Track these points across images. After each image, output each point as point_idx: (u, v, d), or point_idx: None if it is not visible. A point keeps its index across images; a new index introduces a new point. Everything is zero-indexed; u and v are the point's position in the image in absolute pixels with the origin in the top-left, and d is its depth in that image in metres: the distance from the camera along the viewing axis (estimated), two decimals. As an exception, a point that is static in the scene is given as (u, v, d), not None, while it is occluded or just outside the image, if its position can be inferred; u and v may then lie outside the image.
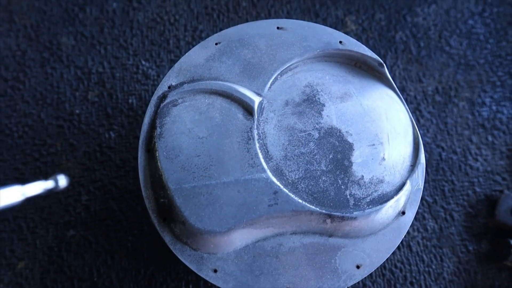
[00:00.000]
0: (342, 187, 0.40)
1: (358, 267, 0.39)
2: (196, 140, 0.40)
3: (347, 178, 0.40)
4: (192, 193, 0.38)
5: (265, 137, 0.41)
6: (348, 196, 0.40)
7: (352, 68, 0.45)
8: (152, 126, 0.41)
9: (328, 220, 0.39)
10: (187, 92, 0.42)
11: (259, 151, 0.40)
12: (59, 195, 0.53)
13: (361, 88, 0.44)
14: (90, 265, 0.51)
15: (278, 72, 0.43)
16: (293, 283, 0.39)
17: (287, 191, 0.39)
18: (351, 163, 0.41)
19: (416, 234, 0.54)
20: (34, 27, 0.59)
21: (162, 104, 0.41)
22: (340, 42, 0.45)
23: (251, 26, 0.45)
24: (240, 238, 0.38)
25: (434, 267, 0.53)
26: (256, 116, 0.41)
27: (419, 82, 0.59)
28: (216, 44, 0.44)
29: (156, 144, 0.40)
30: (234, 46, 0.44)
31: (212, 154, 0.40)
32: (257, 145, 0.40)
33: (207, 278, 0.38)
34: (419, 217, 0.54)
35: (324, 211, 0.39)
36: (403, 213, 0.41)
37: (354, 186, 0.40)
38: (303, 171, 0.40)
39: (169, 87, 0.42)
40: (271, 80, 0.43)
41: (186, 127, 0.40)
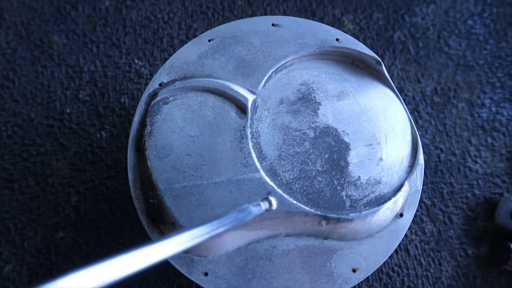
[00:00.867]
0: (338, 188, 0.39)
1: (354, 270, 0.38)
2: (187, 139, 0.39)
3: (343, 179, 0.39)
4: (182, 193, 0.37)
5: (258, 136, 0.40)
6: (344, 197, 0.39)
7: (349, 66, 0.44)
8: (142, 124, 0.40)
9: (324, 222, 0.38)
10: (178, 90, 0.40)
11: (252, 150, 0.39)
12: (48, 195, 0.51)
13: (358, 87, 0.43)
14: (79, 268, 0.49)
15: (273, 69, 0.42)
16: (286, 287, 0.37)
17: (281, 192, 0.38)
18: (347, 163, 0.40)
19: (414, 237, 0.52)
20: (24, 25, 0.58)
21: (153, 102, 0.40)
22: (337, 40, 0.44)
23: (245, 22, 0.44)
24: (232, 240, 0.37)
25: (432, 271, 0.51)
26: (249, 115, 0.40)
27: (417, 83, 0.58)
28: (209, 40, 0.43)
29: (146, 143, 0.39)
30: (228, 43, 0.43)
31: (203, 153, 0.38)
32: (250, 144, 0.39)
33: (197, 282, 0.37)
34: (417, 220, 0.53)
35: (319, 213, 0.38)
36: (401, 215, 0.40)
37: (350, 187, 0.39)
38: (297, 171, 0.39)
39: (160, 85, 0.41)
40: (266, 78, 0.41)
41: (177, 125, 0.39)
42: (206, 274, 0.37)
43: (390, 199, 0.39)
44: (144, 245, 0.24)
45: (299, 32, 0.44)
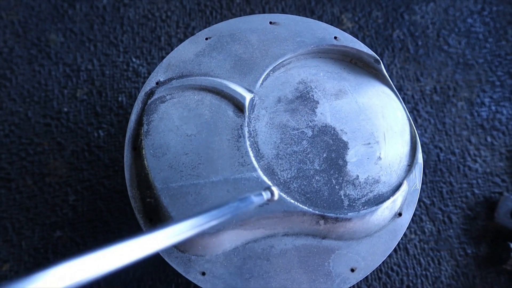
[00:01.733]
0: (336, 187, 0.39)
1: (353, 270, 0.38)
2: (184, 138, 0.39)
3: (341, 178, 0.39)
4: (179, 192, 0.37)
5: (256, 135, 0.39)
6: (343, 197, 0.38)
7: (348, 64, 0.44)
8: (139, 123, 0.40)
9: (322, 222, 0.38)
10: (175, 88, 0.40)
11: (249, 149, 0.38)
12: (46, 195, 0.51)
13: (356, 85, 0.42)
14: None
15: (271, 68, 0.41)
16: (284, 286, 0.37)
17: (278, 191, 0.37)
18: (345, 162, 0.40)
19: (413, 236, 0.52)
20: (21, 23, 0.57)
21: (150, 101, 0.40)
22: (335, 38, 0.43)
23: (243, 20, 0.44)
24: (229, 239, 0.37)
25: (431, 270, 0.51)
26: (247, 113, 0.40)
27: (416, 82, 0.58)
28: (206, 39, 0.43)
29: (143, 141, 0.39)
30: (225, 41, 0.42)
31: (200, 152, 0.38)
32: (247, 143, 0.39)
33: (194, 281, 0.37)
34: (416, 219, 0.53)
35: (317, 212, 0.37)
36: (400, 214, 0.40)
37: (348, 186, 0.39)
38: (295, 170, 0.39)
39: (157, 83, 0.41)
40: (263, 76, 0.41)
41: (174, 124, 0.39)
42: (204, 274, 0.37)
43: (388, 198, 0.39)
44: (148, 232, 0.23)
45: (297, 30, 0.43)
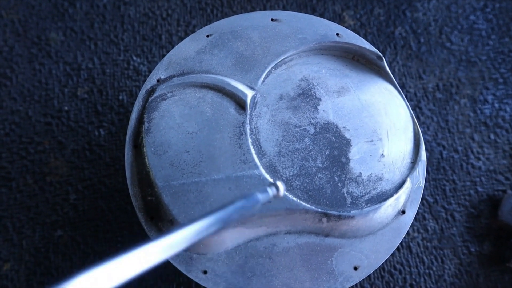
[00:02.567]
0: (339, 184, 0.38)
1: (356, 268, 0.38)
2: (185, 136, 0.38)
3: (344, 176, 0.39)
4: (181, 190, 0.37)
5: (258, 132, 0.39)
6: (345, 194, 0.38)
7: (350, 61, 0.43)
8: (140, 121, 0.39)
9: (324, 219, 0.37)
10: (176, 86, 0.40)
11: (251, 146, 0.38)
12: (46, 194, 0.51)
13: (359, 82, 0.42)
14: (78, 266, 0.49)
15: (272, 65, 0.41)
16: (287, 285, 0.37)
17: (281, 189, 0.37)
18: (348, 159, 0.39)
19: (416, 235, 0.52)
20: (22, 22, 0.57)
21: (151, 98, 0.39)
22: (337, 35, 0.43)
23: (244, 17, 0.43)
24: (231, 238, 0.37)
25: (434, 269, 0.51)
26: (248, 111, 0.39)
27: (419, 79, 0.58)
28: (207, 36, 0.42)
29: (144, 139, 0.38)
30: (226, 38, 0.42)
31: (202, 150, 0.38)
32: (249, 140, 0.38)
33: (196, 280, 0.36)
34: (419, 217, 0.52)
35: (320, 210, 0.37)
36: (403, 212, 0.40)
37: (351, 183, 0.39)
38: (298, 168, 0.38)
39: (158, 81, 0.41)
40: (265, 74, 0.41)
41: (175, 122, 0.39)
42: (205, 272, 0.37)
43: (392, 196, 0.39)
44: (149, 240, 0.22)
45: (299, 27, 0.43)
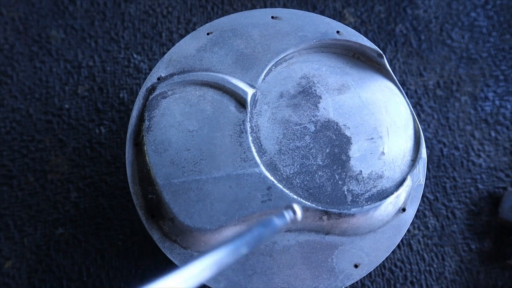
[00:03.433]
0: (340, 182, 0.38)
1: (356, 266, 0.38)
2: (186, 134, 0.38)
3: (344, 173, 0.39)
4: (181, 188, 0.37)
5: (258, 130, 0.39)
6: (346, 192, 0.38)
7: (350, 59, 0.43)
8: (140, 119, 0.40)
9: (325, 217, 0.37)
10: (177, 84, 0.40)
11: (252, 144, 0.38)
12: (48, 192, 0.51)
13: (359, 80, 0.42)
14: (79, 264, 0.49)
15: (273, 63, 0.41)
16: (287, 283, 0.37)
17: (281, 187, 0.37)
18: (348, 157, 0.39)
19: (416, 232, 0.52)
20: (22, 20, 0.57)
21: (151, 96, 0.39)
22: (338, 32, 0.43)
23: (245, 15, 0.43)
24: (231, 236, 0.37)
25: (435, 266, 0.51)
26: (249, 109, 0.39)
27: (419, 76, 0.58)
28: (207, 34, 0.42)
29: (144, 137, 0.38)
30: (227, 36, 0.42)
31: (202, 148, 0.38)
32: (250, 138, 0.38)
33: (197, 278, 0.37)
34: (419, 214, 0.52)
35: (320, 208, 0.37)
36: (404, 210, 0.40)
37: (352, 181, 0.39)
38: (298, 166, 0.38)
39: (158, 79, 0.41)
40: (265, 72, 0.41)
41: (176, 120, 0.39)
42: (206, 270, 0.37)
43: (392, 193, 0.39)
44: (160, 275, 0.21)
45: (299, 24, 0.43)
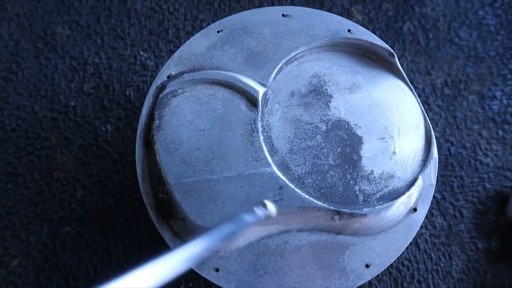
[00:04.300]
0: (351, 182, 0.38)
1: (368, 266, 0.38)
2: (197, 133, 0.38)
3: (356, 173, 0.38)
4: (192, 188, 0.36)
5: (269, 129, 0.39)
6: (357, 192, 0.38)
7: (361, 58, 0.43)
8: (151, 117, 0.39)
9: (336, 217, 0.37)
10: (187, 82, 0.40)
11: (263, 144, 0.38)
12: (54, 190, 0.51)
13: (370, 79, 0.42)
14: (86, 263, 0.49)
15: (284, 61, 0.41)
16: (299, 282, 0.37)
17: (293, 186, 0.37)
18: (360, 157, 0.39)
19: (424, 231, 0.52)
20: (27, 16, 0.57)
21: (161, 95, 0.39)
22: (349, 31, 0.43)
23: (255, 13, 0.43)
24: (243, 235, 0.36)
25: (442, 265, 0.51)
26: (260, 108, 0.39)
27: (427, 75, 0.57)
28: (218, 32, 0.42)
29: (155, 136, 0.38)
30: (237, 34, 0.42)
31: (213, 147, 0.38)
32: (261, 137, 0.38)
33: (208, 278, 0.36)
34: (427, 213, 0.52)
35: (332, 208, 0.37)
36: (415, 209, 0.39)
37: (363, 181, 0.38)
38: (309, 166, 0.38)
39: (168, 77, 0.40)
40: (276, 70, 0.40)
41: (186, 118, 0.38)
42: (217, 270, 0.37)
43: (403, 193, 0.38)
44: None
45: (310, 23, 0.43)
